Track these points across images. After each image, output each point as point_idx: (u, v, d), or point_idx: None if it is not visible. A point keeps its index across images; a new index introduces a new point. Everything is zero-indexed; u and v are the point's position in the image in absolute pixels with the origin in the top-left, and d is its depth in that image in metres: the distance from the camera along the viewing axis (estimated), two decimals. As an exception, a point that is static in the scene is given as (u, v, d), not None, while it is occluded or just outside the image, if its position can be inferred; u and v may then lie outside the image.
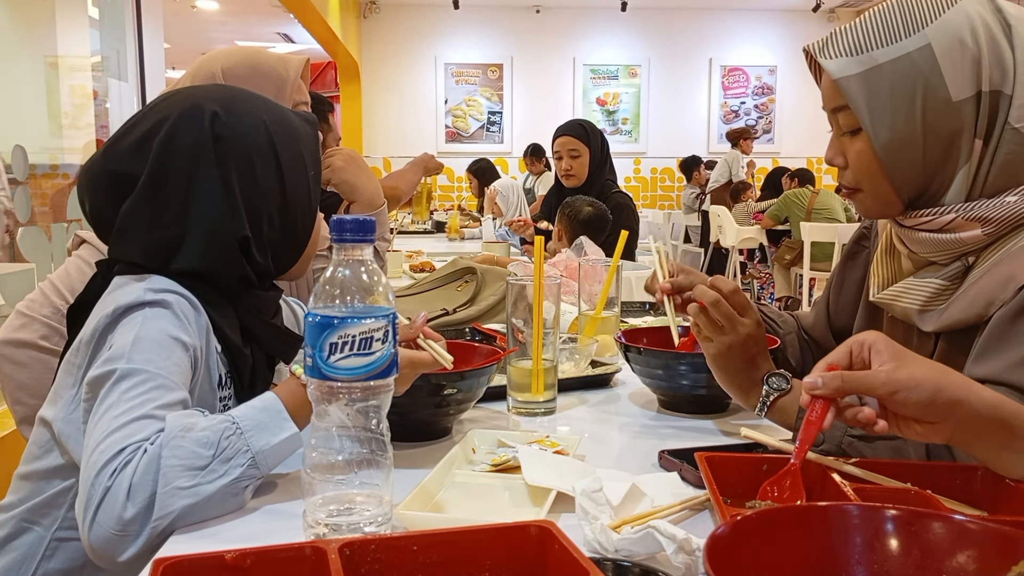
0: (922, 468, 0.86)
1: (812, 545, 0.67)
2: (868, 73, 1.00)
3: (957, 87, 0.97)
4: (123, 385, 0.89)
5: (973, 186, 1.00)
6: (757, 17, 9.60)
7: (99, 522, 0.81)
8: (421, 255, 3.74)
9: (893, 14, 1.01)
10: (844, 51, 1.02)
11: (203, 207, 1.02)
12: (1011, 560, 0.61)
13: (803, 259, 6.24)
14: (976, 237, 0.98)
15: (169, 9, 6.77)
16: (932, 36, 0.98)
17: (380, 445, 0.79)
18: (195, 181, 1.02)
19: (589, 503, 0.82)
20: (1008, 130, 0.97)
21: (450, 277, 2.09)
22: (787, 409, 1.02)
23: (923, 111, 0.99)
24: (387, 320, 0.78)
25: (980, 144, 0.99)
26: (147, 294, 0.98)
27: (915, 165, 1.01)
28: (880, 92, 1.00)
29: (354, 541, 0.65)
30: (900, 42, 0.99)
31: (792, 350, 1.33)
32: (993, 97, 0.98)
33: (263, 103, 1.12)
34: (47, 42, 3.32)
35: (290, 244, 1.12)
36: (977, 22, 0.98)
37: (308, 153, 1.12)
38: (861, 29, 1.02)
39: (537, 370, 1.24)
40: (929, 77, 0.98)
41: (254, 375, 1.10)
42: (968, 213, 0.99)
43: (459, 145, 9.46)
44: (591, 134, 3.26)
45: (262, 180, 1.06)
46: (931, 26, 0.98)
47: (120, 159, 1.03)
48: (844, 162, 1.07)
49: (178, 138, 1.02)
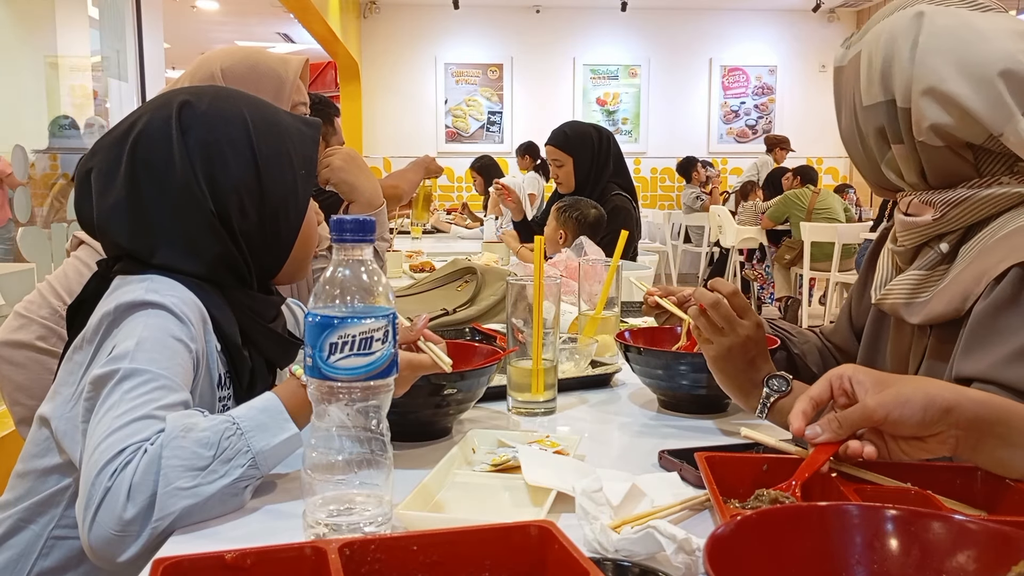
0: (922, 468, 0.86)
1: (812, 545, 0.67)
2: (837, 70, 1.14)
3: (867, 94, 1.07)
4: (125, 385, 0.89)
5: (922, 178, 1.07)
6: (757, 17, 9.59)
7: (99, 522, 0.81)
8: (421, 255, 3.74)
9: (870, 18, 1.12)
10: (845, 44, 1.14)
11: (173, 196, 1.03)
12: (1011, 560, 0.61)
13: (803, 259, 6.24)
14: (926, 221, 1.05)
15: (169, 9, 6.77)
16: (864, 43, 1.08)
17: (380, 445, 0.79)
18: (166, 171, 1.03)
19: (589, 503, 0.82)
20: (918, 143, 1.03)
21: (450, 277, 2.09)
22: (787, 410, 1.01)
23: (853, 111, 1.10)
24: (387, 320, 0.78)
25: (900, 148, 1.06)
26: (148, 294, 0.98)
27: (860, 156, 1.13)
28: (838, 88, 1.14)
29: (354, 541, 0.65)
30: (854, 45, 1.11)
31: (812, 359, 1.34)
32: (903, 110, 1.04)
33: (251, 102, 1.12)
34: (47, 42, 3.33)
35: (271, 240, 1.11)
36: (895, 32, 1.04)
37: (298, 154, 1.12)
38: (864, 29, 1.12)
39: (537, 370, 1.24)
40: (854, 83, 1.09)
41: (253, 376, 1.10)
42: (924, 197, 1.06)
43: (459, 145, 9.46)
44: (573, 143, 3.19)
45: (233, 170, 1.05)
46: (868, 34, 1.08)
47: (98, 156, 1.07)
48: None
49: (148, 129, 1.05)
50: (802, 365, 1.32)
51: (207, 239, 1.05)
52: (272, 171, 1.08)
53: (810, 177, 6.91)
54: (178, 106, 1.06)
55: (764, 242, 7.16)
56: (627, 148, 9.61)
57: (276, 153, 1.09)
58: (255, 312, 1.11)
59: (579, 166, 3.19)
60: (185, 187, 1.03)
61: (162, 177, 1.04)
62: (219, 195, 1.05)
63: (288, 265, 1.15)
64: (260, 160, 1.07)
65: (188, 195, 1.03)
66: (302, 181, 1.12)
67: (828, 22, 9.61)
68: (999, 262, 0.95)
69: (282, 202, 1.10)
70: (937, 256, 1.05)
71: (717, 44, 9.66)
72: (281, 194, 1.10)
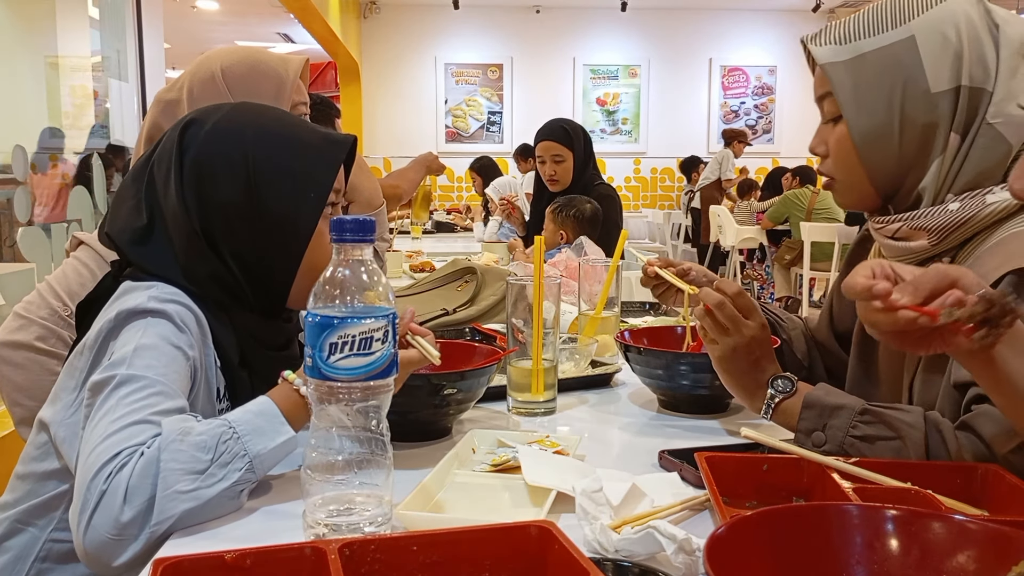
0: (922, 468, 0.86)
1: (812, 545, 0.67)
2: (853, 61, 1.04)
3: (936, 79, 1.00)
4: (122, 390, 0.89)
5: (944, 181, 1.03)
6: (757, 17, 9.59)
7: (95, 525, 0.80)
8: (421, 255, 3.74)
9: (884, 8, 1.05)
10: (834, 40, 1.07)
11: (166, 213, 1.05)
12: (1011, 560, 0.61)
13: (803, 259, 6.24)
14: (923, 247, 1.02)
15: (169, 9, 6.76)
16: (916, 29, 1.01)
17: (380, 445, 0.79)
18: (164, 188, 1.05)
19: (589, 503, 0.82)
20: (984, 126, 1.00)
21: (450, 277, 2.09)
22: (791, 411, 1.02)
23: (902, 101, 1.02)
24: (387, 320, 0.78)
25: (956, 138, 1.01)
26: (150, 302, 0.98)
27: (890, 155, 1.04)
28: (862, 81, 1.04)
29: (354, 541, 0.65)
30: (885, 33, 1.03)
31: (798, 345, 1.34)
32: (973, 93, 1.00)
33: (263, 120, 1.09)
34: (47, 42, 3.32)
35: (268, 263, 1.06)
36: (961, 19, 1.01)
37: (310, 175, 1.06)
38: (852, 21, 1.06)
39: (537, 370, 1.24)
40: (910, 68, 1.01)
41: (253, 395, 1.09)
42: (913, 222, 1.02)
43: (459, 145, 9.45)
44: (575, 137, 3.13)
45: (223, 188, 1.04)
46: (917, 20, 1.02)
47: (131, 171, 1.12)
48: (826, 150, 1.10)
49: (161, 147, 1.09)
50: (788, 351, 1.31)
51: (196, 258, 1.04)
52: (270, 191, 1.04)
53: (809, 177, 6.91)
54: (184, 125, 1.07)
55: (764, 242, 7.16)
56: (627, 148, 9.70)
57: (279, 173, 1.05)
58: (256, 338, 1.09)
59: (577, 160, 3.15)
60: (176, 205, 1.03)
61: (161, 195, 1.06)
62: (207, 214, 1.04)
63: (296, 292, 1.09)
64: (256, 179, 1.04)
65: (177, 213, 1.04)
66: (309, 203, 1.06)
67: (828, 22, 9.61)
68: (994, 269, 0.93)
69: (279, 224, 1.05)
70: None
71: (717, 44, 9.66)
72: (279, 215, 1.05)
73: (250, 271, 1.06)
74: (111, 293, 1.05)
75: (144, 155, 1.11)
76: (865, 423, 0.94)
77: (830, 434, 0.96)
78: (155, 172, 1.07)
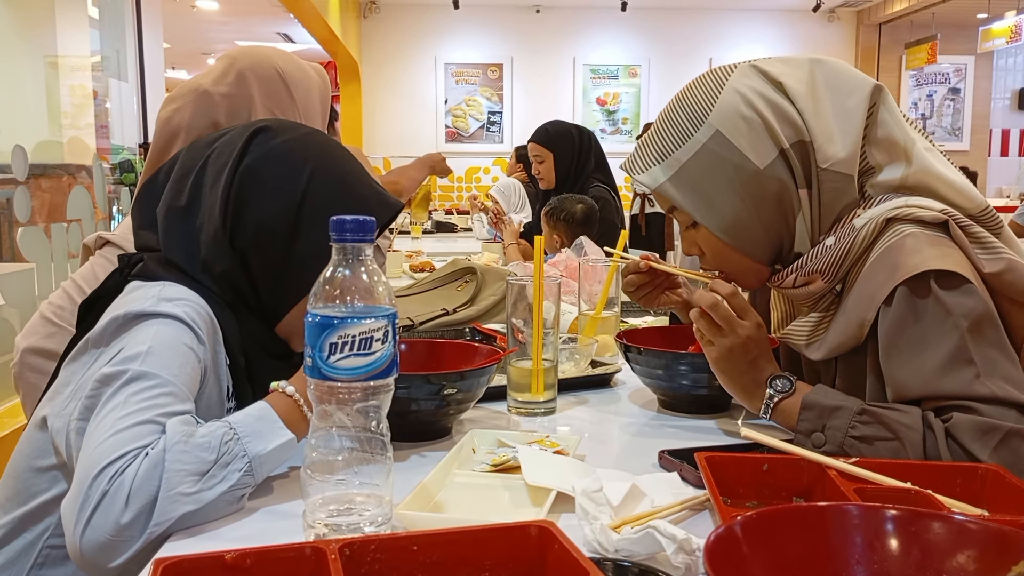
0: (922, 468, 0.86)
1: (812, 545, 0.67)
2: (678, 174, 1.08)
3: (758, 156, 1.05)
4: (133, 387, 0.89)
5: (812, 231, 1.08)
6: (757, 17, 9.59)
7: (94, 525, 0.79)
8: (421, 255, 3.74)
9: (678, 115, 1.09)
10: (650, 162, 1.10)
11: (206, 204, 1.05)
12: (1011, 560, 0.61)
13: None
14: (822, 287, 1.07)
15: (169, 9, 6.77)
16: (716, 122, 1.05)
17: (380, 445, 0.79)
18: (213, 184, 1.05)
19: (589, 503, 0.82)
20: (821, 172, 1.05)
21: (450, 277, 2.09)
22: (790, 411, 1.02)
23: (739, 188, 1.06)
24: (387, 320, 0.78)
25: (804, 192, 1.06)
26: (160, 303, 0.97)
27: (757, 234, 1.09)
28: (696, 186, 1.07)
29: (354, 541, 0.65)
30: (692, 137, 1.07)
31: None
32: (797, 148, 1.05)
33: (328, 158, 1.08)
34: (47, 42, 3.33)
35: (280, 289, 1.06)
36: (749, 94, 1.05)
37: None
38: (658, 136, 1.10)
39: (537, 370, 1.24)
40: (731, 157, 1.05)
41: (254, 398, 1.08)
42: (803, 269, 1.07)
43: (459, 145, 9.45)
44: (554, 139, 3.38)
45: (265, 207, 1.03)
46: (712, 114, 1.06)
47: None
48: (700, 251, 1.15)
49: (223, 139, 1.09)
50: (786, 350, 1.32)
51: (217, 254, 1.03)
52: (309, 228, 1.04)
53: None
54: (256, 129, 1.08)
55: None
56: (627, 148, 9.62)
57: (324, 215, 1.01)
58: (262, 346, 1.08)
59: (559, 161, 3.35)
60: (218, 200, 1.03)
61: (208, 184, 1.06)
62: (241, 221, 1.04)
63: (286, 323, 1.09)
64: (299, 212, 1.04)
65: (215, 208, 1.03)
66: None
67: (828, 22, 9.61)
68: (882, 285, 0.98)
69: (303, 260, 1.04)
70: (831, 297, 1.08)
71: (717, 44, 9.65)
72: (306, 253, 1.04)
73: (256, 285, 1.06)
74: (116, 290, 1.04)
75: (205, 139, 1.11)
76: (863, 423, 0.95)
77: (830, 435, 0.96)
78: (210, 161, 1.07)
